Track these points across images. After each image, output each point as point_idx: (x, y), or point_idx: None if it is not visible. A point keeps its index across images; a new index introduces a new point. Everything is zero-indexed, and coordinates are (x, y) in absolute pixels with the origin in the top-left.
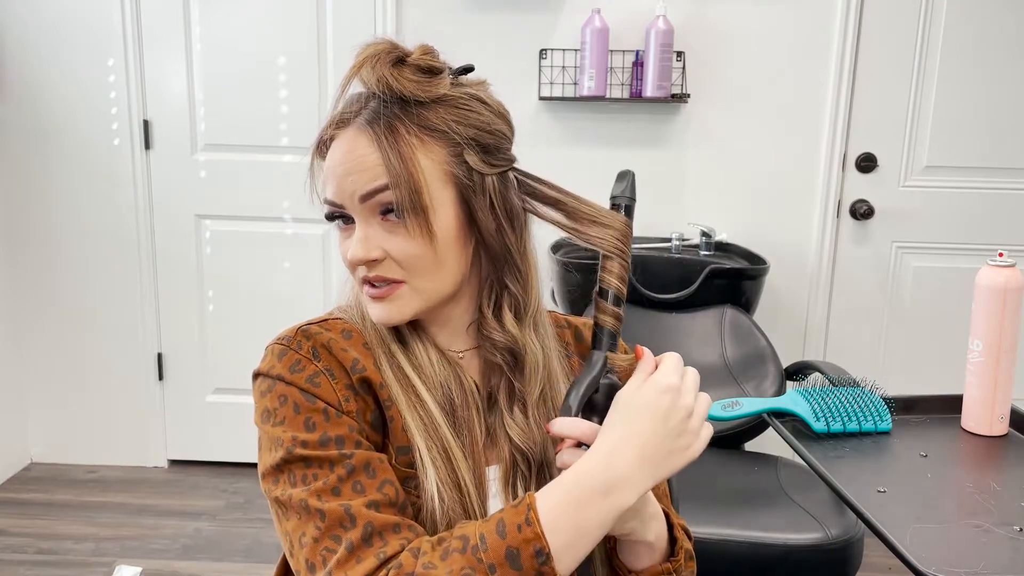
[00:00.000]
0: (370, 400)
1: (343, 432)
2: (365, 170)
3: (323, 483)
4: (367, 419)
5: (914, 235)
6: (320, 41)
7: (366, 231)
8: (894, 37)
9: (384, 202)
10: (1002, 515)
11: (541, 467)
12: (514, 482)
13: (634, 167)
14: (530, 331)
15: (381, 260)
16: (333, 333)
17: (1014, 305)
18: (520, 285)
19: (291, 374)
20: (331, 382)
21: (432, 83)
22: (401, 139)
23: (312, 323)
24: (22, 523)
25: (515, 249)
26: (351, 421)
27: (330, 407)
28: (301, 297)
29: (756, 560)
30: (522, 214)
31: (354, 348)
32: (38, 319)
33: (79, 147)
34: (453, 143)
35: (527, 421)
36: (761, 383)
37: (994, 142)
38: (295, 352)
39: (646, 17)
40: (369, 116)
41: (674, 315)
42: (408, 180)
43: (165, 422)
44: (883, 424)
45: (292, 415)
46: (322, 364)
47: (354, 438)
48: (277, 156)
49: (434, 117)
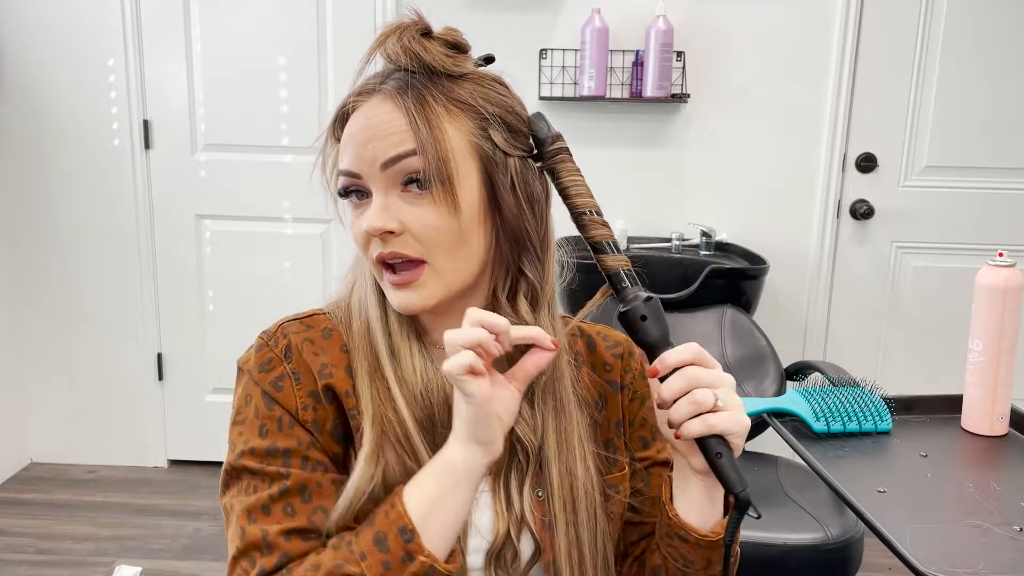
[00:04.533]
0: (332, 409)
1: (291, 445)
2: (389, 135)
3: (256, 499)
4: (326, 429)
5: (914, 235)
6: (320, 41)
7: (385, 200)
8: (894, 37)
9: (408, 170)
10: (1002, 515)
11: (540, 462)
12: (507, 473)
13: (634, 167)
14: (546, 318)
15: (398, 234)
16: (313, 332)
17: (1014, 305)
18: (538, 272)
19: (259, 372)
20: (294, 387)
21: (460, 58)
22: (429, 107)
23: (296, 318)
24: (22, 523)
25: (535, 234)
26: (302, 433)
27: (287, 414)
28: (301, 297)
29: (756, 560)
30: (543, 200)
31: (329, 351)
32: (38, 319)
33: (79, 147)
34: (480, 117)
35: (532, 413)
36: (761, 383)
37: (994, 142)
38: (270, 349)
39: (646, 17)
40: (396, 84)
41: (674, 315)
42: (435, 147)
43: (165, 422)
44: (883, 424)
45: (252, 418)
46: (291, 366)
47: (301, 453)
48: (277, 156)
49: (461, 91)
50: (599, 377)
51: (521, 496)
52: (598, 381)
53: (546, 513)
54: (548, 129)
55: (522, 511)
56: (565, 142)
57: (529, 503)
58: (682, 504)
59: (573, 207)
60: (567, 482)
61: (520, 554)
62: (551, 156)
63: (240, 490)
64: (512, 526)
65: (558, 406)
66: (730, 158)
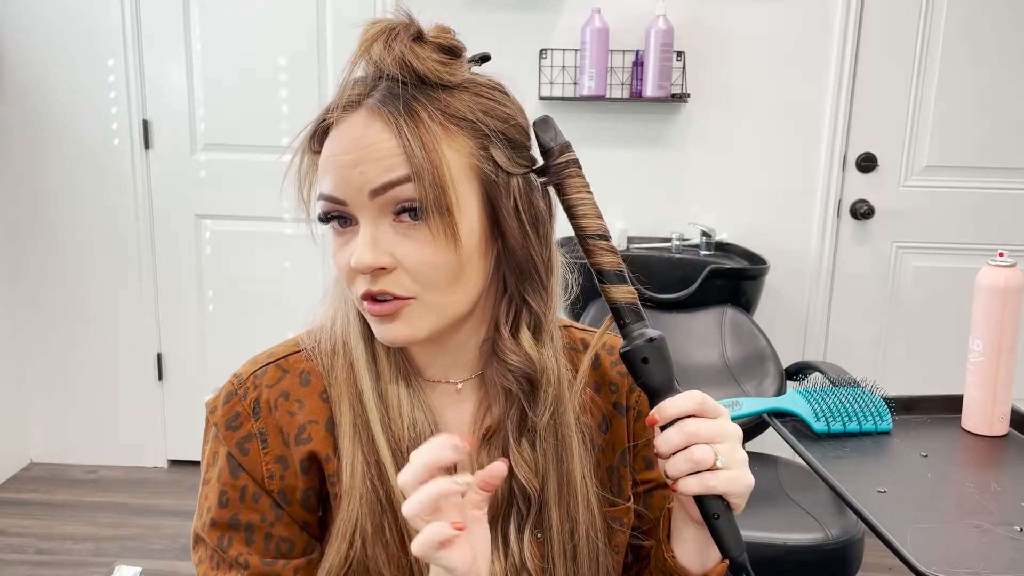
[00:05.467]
0: (305, 479)
1: (254, 520)
2: (379, 159)
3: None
4: (295, 498)
5: (914, 235)
6: (320, 41)
7: (375, 233)
8: (894, 37)
9: (401, 199)
10: (1002, 515)
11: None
12: (505, 518)
13: (634, 167)
14: (548, 349)
15: (390, 270)
16: (289, 378)
17: (1014, 305)
18: (541, 300)
19: (226, 430)
20: (260, 451)
21: (455, 65)
22: (423, 125)
23: (272, 360)
24: (22, 523)
25: (539, 259)
26: (266, 507)
27: (252, 483)
28: (301, 297)
29: (756, 560)
30: (547, 220)
31: (307, 401)
32: (38, 319)
33: (79, 147)
34: (480, 134)
35: (534, 454)
36: (761, 383)
37: (994, 142)
38: (239, 400)
39: (646, 17)
40: (383, 97)
41: (674, 315)
42: (432, 173)
43: (165, 422)
44: (883, 424)
45: (215, 481)
46: (258, 424)
47: (264, 529)
48: (277, 156)
49: (459, 104)
50: (603, 399)
51: (521, 543)
52: (601, 403)
53: (545, 557)
54: (555, 138)
55: (521, 557)
56: (574, 152)
57: (529, 549)
58: (679, 544)
59: (579, 228)
60: (567, 528)
61: None
62: (558, 170)
63: (205, 559)
64: (510, 572)
65: (560, 445)
66: (730, 158)
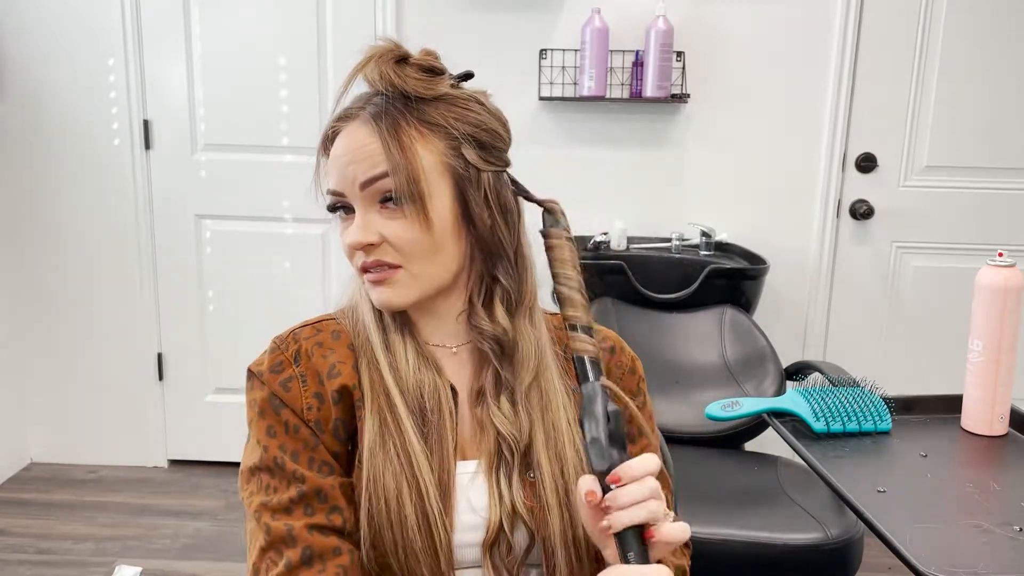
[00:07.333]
0: (337, 409)
1: (298, 448)
2: (366, 158)
3: (277, 501)
4: (328, 428)
5: (914, 235)
6: (320, 41)
7: (365, 217)
8: (894, 37)
9: (383, 190)
10: (1002, 515)
11: (524, 455)
12: (498, 470)
13: (634, 167)
14: (524, 323)
15: (378, 245)
16: (323, 335)
17: (1014, 305)
18: (512, 279)
19: (270, 373)
20: (301, 388)
21: (433, 82)
22: (401, 130)
23: (307, 324)
24: (22, 523)
25: (507, 243)
26: (307, 435)
27: (293, 415)
28: (301, 297)
29: (756, 560)
30: (516, 211)
31: (338, 350)
32: (38, 319)
33: (79, 147)
34: (452, 138)
35: (513, 410)
36: (761, 383)
37: (994, 142)
38: (281, 352)
39: (646, 17)
40: (372, 110)
41: (674, 315)
42: (406, 168)
43: (165, 422)
44: (883, 424)
45: (258, 419)
46: (299, 369)
47: (308, 453)
48: (277, 156)
49: (434, 113)
50: None
51: (511, 488)
52: None
53: (539, 496)
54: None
55: (513, 503)
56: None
57: (520, 494)
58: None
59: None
60: (557, 467)
61: (515, 546)
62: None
63: (260, 488)
64: (505, 519)
65: (543, 401)
66: (730, 158)
